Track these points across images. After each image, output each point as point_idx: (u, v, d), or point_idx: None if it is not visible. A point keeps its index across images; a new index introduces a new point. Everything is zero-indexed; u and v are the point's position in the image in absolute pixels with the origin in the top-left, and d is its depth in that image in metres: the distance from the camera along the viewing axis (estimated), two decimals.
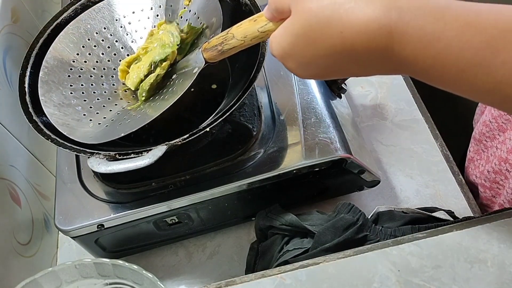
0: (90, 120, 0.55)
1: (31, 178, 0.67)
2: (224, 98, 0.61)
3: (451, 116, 0.90)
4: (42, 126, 0.53)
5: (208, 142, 0.59)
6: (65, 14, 0.62)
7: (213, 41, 0.47)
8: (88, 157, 0.50)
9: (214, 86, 0.63)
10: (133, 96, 0.59)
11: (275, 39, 0.38)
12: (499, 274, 0.45)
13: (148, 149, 0.49)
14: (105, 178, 0.60)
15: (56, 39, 0.59)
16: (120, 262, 0.47)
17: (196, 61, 0.51)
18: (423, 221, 0.56)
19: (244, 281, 0.49)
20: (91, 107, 0.57)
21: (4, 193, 0.59)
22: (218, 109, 0.59)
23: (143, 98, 0.56)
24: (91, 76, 0.60)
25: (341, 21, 0.33)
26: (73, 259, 0.48)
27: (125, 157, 0.49)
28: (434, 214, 0.57)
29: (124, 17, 0.62)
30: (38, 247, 0.65)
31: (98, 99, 0.58)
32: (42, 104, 0.54)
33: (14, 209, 0.61)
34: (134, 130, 0.50)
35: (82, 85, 0.58)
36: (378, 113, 0.79)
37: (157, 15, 0.62)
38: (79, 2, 0.63)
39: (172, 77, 0.56)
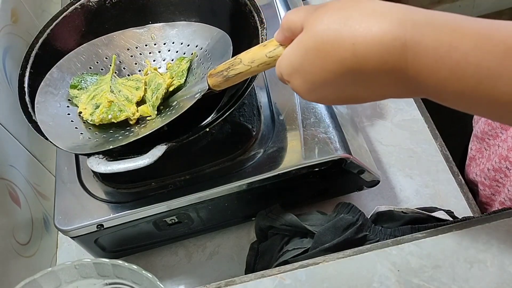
0: (81, 133, 0.55)
1: (31, 178, 0.67)
2: (223, 98, 0.61)
3: (450, 116, 0.90)
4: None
5: (208, 142, 0.59)
6: (64, 14, 0.62)
7: (220, 66, 0.46)
8: (88, 157, 0.50)
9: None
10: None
11: (284, 56, 0.38)
12: (499, 274, 0.45)
13: (147, 149, 0.49)
14: (104, 178, 0.60)
15: (66, 56, 0.60)
16: (119, 262, 0.47)
17: (200, 87, 0.50)
18: (423, 221, 0.56)
19: (244, 281, 0.49)
20: (84, 123, 0.56)
21: (3, 193, 0.59)
22: (217, 109, 0.59)
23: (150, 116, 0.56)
24: None
25: (353, 33, 0.32)
26: (72, 259, 0.48)
27: (124, 157, 0.49)
28: (433, 214, 0.57)
29: (136, 48, 0.63)
30: (38, 247, 0.65)
31: None
32: (35, 111, 0.54)
33: (14, 209, 0.61)
34: (122, 144, 0.50)
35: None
36: (377, 113, 0.79)
37: (169, 50, 0.63)
38: (79, 2, 0.63)
39: (172, 104, 0.56)
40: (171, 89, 0.57)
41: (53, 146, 0.52)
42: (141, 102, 0.57)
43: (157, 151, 0.48)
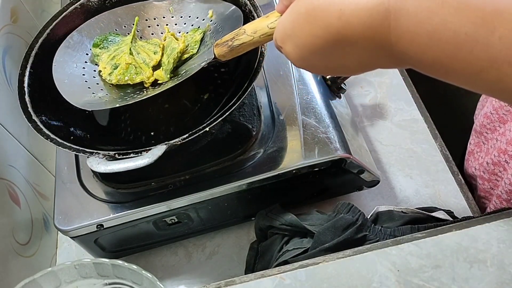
0: (93, 93, 0.57)
1: (31, 178, 0.67)
2: (223, 98, 0.61)
3: (450, 116, 0.90)
4: (41, 126, 0.53)
5: (208, 142, 0.59)
6: (64, 14, 0.62)
7: (226, 37, 0.48)
8: (88, 157, 0.50)
9: (212, 87, 0.63)
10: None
11: (279, 22, 0.39)
12: (499, 274, 0.45)
13: (147, 148, 0.49)
14: (104, 178, 0.59)
15: (88, 21, 0.62)
16: (119, 262, 0.47)
17: (206, 56, 0.52)
18: (423, 221, 0.56)
19: (243, 281, 0.49)
20: (97, 84, 0.58)
21: (3, 193, 0.59)
22: (217, 109, 0.59)
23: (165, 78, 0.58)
24: None
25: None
26: (72, 259, 0.48)
27: (124, 156, 0.49)
28: (433, 214, 0.57)
29: (154, 19, 0.64)
30: (38, 247, 0.65)
31: None
32: (52, 69, 0.56)
33: (14, 209, 0.61)
34: (128, 103, 0.53)
35: (94, 70, 0.60)
36: (377, 113, 0.79)
37: (185, 23, 0.64)
38: (79, 2, 0.63)
39: (181, 73, 0.57)
40: (184, 57, 0.59)
41: (53, 146, 0.52)
42: (157, 66, 0.59)
43: (157, 151, 0.48)
